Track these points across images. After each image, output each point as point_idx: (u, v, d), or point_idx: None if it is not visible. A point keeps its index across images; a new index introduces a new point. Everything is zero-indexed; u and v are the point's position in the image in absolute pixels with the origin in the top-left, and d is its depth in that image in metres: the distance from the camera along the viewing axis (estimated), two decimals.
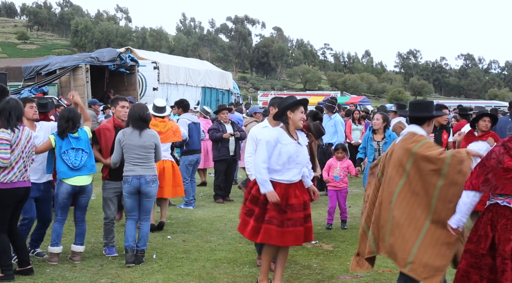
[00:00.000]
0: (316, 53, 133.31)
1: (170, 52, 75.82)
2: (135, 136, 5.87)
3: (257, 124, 5.97)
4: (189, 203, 9.38)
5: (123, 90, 18.56)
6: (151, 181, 5.93)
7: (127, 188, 5.91)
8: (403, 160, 4.13)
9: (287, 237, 4.86)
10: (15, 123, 5.19)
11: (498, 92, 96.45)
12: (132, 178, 5.87)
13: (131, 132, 5.90)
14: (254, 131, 5.61)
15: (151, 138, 5.93)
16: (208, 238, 7.17)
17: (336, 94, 42.96)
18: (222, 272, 5.70)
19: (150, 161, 5.97)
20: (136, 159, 5.88)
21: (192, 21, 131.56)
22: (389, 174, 4.23)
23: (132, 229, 5.98)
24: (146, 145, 5.88)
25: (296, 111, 4.94)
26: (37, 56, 48.74)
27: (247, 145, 5.70)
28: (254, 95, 58.16)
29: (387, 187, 4.22)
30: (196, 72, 24.44)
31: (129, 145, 5.87)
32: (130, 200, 5.98)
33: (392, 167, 4.21)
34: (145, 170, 5.90)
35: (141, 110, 5.95)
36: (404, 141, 4.22)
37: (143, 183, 5.88)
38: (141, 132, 5.88)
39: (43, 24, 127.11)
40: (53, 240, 5.87)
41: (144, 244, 5.99)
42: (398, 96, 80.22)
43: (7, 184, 5.12)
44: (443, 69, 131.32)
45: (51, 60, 19.45)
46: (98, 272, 5.62)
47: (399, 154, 4.19)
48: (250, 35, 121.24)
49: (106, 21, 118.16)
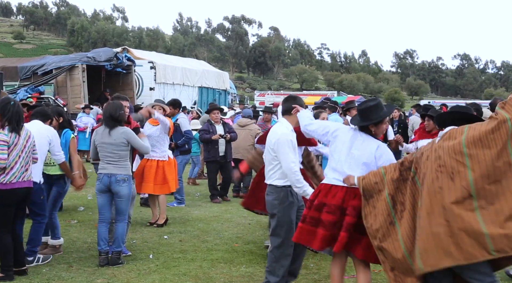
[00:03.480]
0: (313, 53, 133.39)
1: (167, 52, 75.62)
2: (105, 135, 5.88)
3: (280, 126, 5.07)
4: (182, 201, 9.46)
5: (119, 90, 18.49)
6: (122, 180, 5.84)
7: (98, 186, 5.91)
8: (458, 157, 3.68)
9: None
10: (14, 127, 5.23)
11: (495, 92, 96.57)
12: (103, 176, 5.86)
13: (103, 131, 5.92)
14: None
15: (121, 135, 5.86)
16: (204, 238, 7.17)
17: (333, 94, 43.01)
18: (219, 272, 5.70)
19: (123, 160, 5.90)
20: (108, 157, 5.87)
21: (188, 20, 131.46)
22: (439, 182, 3.72)
23: (103, 231, 5.89)
24: (116, 143, 5.84)
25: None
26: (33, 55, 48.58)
27: (288, 151, 4.84)
28: (251, 95, 58.15)
29: (443, 196, 3.68)
30: (193, 72, 24.46)
31: (101, 144, 5.89)
32: (100, 199, 5.94)
33: (443, 173, 3.73)
34: (116, 169, 5.85)
35: (113, 109, 5.91)
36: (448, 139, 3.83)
37: (113, 182, 5.83)
38: (111, 130, 5.87)
39: (39, 23, 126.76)
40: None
41: (118, 245, 5.88)
42: (394, 96, 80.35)
43: (7, 185, 5.14)
44: (440, 69, 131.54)
45: (47, 59, 19.43)
46: (94, 272, 5.61)
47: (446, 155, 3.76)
48: (247, 35, 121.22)
49: (103, 20, 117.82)
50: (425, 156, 3.93)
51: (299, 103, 5.03)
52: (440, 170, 3.73)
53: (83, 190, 10.45)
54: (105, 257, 5.85)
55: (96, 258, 6.08)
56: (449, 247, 3.60)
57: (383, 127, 4.62)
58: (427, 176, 3.83)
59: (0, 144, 5.07)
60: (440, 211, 3.66)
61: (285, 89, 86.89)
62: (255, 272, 5.72)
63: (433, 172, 3.78)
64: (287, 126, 4.96)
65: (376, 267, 5.79)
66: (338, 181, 4.46)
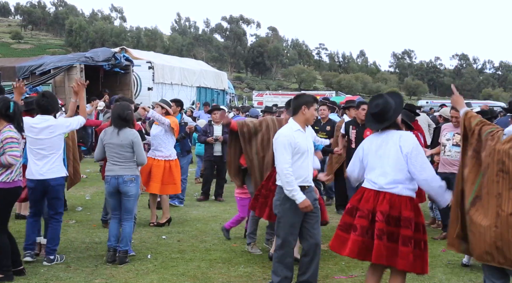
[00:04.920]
0: (311, 53, 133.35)
1: (165, 52, 75.58)
2: (114, 135, 5.93)
3: (285, 126, 5.03)
4: (182, 201, 9.57)
5: (118, 90, 18.51)
6: (129, 180, 5.92)
7: (107, 189, 5.99)
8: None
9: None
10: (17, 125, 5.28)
11: (492, 92, 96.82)
12: (111, 178, 5.92)
13: (112, 131, 5.97)
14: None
15: (128, 136, 5.92)
16: (203, 238, 7.17)
17: (331, 94, 42.97)
18: (217, 272, 5.70)
19: (129, 161, 5.96)
20: (115, 158, 5.93)
21: (187, 21, 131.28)
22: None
23: (115, 228, 6.01)
24: (123, 144, 5.90)
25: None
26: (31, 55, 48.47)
27: (283, 152, 4.78)
28: (249, 95, 58.14)
29: (500, 203, 3.78)
30: (191, 72, 24.45)
31: (109, 144, 5.94)
32: (111, 200, 6.03)
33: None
34: (123, 170, 5.91)
35: (121, 109, 5.99)
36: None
37: (121, 183, 5.90)
38: (119, 131, 5.92)
39: (37, 23, 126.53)
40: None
41: (126, 244, 5.95)
42: None
43: (10, 183, 5.19)
44: (438, 69, 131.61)
45: (45, 59, 19.36)
46: (92, 272, 5.61)
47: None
48: (245, 35, 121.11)
49: (101, 20, 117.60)
50: (487, 151, 3.86)
51: (307, 99, 4.93)
52: (502, 175, 3.74)
53: (81, 191, 10.50)
54: (113, 253, 5.90)
55: (94, 258, 6.08)
56: (491, 249, 3.73)
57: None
58: (488, 172, 3.83)
59: (13, 141, 5.13)
60: (494, 215, 3.73)
61: (284, 89, 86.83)
62: (253, 272, 5.72)
63: (494, 174, 3.78)
64: (292, 127, 4.89)
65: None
66: (371, 184, 4.37)
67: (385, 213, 4.19)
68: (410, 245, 4.15)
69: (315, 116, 5.08)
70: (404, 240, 4.14)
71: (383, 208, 4.21)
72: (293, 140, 4.79)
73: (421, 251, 4.22)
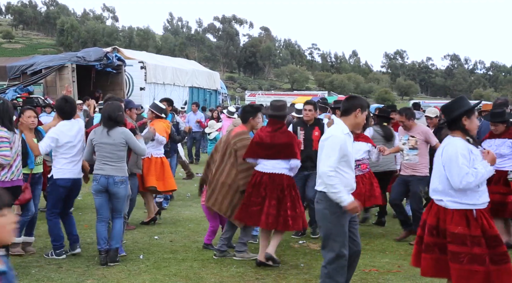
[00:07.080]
0: (303, 53, 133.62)
1: (157, 52, 75.40)
2: (104, 135, 5.89)
3: (336, 128, 4.57)
4: (168, 201, 9.55)
5: (109, 90, 18.39)
6: (120, 182, 5.88)
7: (95, 186, 5.91)
8: None
9: None
10: (7, 125, 5.25)
11: (483, 93, 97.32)
12: (101, 177, 5.86)
13: (102, 130, 5.93)
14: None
15: (120, 135, 5.88)
16: (195, 238, 7.16)
17: (324, 94, 43.05)
18: (209, 272, 5.69)
19: (121, 161, 5.92)
20: (106, 157, 5.87)
21: (179, 20, 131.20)
22: None
23: (102, 231, 5.92)
24: (115, 143, 5.86)
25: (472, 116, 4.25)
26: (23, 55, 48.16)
27: (331, 155, 4.38)
28: (242, 95, 58.14)
29: None
30: (184, 72, 24.37)
31: (99, 144, 5.90)
32: (98, 199, 5.95)
33: None
34: (115, 171, 5.87)
35: (112, 109, 5.94)
36: None
37: (111, 183, 5.85)
38: (109, 130, 5.88)
39: (28, 23, 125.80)
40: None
41: (116, 242, 5.91)
42: (384, 96, 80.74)
43: (7, 183, 5.18)
44: (429, 69, 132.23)
45: (36, 59, 19.24)
46: (84, 273, 5.59)
47: None
48: (237, 35, 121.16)
49: (93, 20, 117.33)
50: None
51: (362, 103, 4.56)
52: None
53: None
54: (105, 255, 5.86)
55: (85, 259, 6.06)
56: None
57: (474, 121, 4.25)
58: None
59: (3, 141, 5.10)
60: None
61: (276, 89, 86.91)
62: (245, 272, 5.72)
63: None
64: (343, 129, 4.45)
65: (366, 267, 5.81)
66: (436, 195, 4.21)
67: (454, 234, 4.13)
68: None
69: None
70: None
71: (452, 228, 4.13)
72: (344, 144, 4.39)
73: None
